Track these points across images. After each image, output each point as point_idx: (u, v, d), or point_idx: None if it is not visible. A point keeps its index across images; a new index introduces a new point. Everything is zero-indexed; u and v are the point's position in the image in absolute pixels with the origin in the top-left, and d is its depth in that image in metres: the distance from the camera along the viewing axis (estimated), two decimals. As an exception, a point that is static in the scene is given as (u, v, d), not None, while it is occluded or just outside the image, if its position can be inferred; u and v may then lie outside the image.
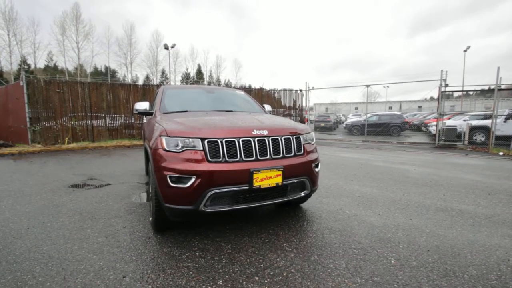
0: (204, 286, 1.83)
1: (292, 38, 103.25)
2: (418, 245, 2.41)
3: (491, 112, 14.71)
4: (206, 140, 2.29)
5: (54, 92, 10.02)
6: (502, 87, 10.49)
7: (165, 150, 2.31)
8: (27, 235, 2.65)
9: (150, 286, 1.83)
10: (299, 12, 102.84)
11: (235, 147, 2.32)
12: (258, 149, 2.39)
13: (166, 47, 26.01)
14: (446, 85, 11.23)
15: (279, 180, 2.39)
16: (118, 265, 2.10)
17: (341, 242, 2.46)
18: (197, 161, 2.24)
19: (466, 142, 11.10)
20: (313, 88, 14.40)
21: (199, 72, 51.04)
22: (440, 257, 2.20)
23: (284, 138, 2.55)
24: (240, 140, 2.35)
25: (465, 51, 29.46)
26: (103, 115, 11.30)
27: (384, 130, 16.76)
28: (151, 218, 2.80)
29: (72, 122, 10.41)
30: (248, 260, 2.17)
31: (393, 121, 17.44)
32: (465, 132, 11.34)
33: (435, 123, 14.74)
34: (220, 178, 2.23)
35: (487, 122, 12.16)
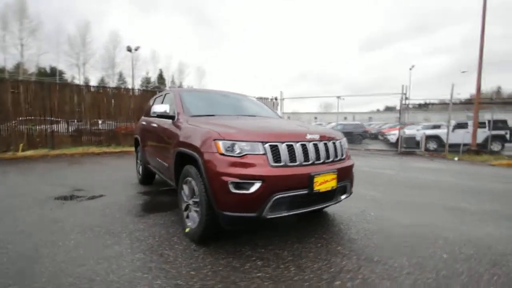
0: (290, 296, 1.75)
1: (256, 50, 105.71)
2: (451, 240, 2.63)
3: (440, 123, 16.78)
4: (268, 144, 2.22)
5: (5, 92, 8.70)
6: (444, 100, 12.13)
7: (222, 154, 2.17)
8: (40, 257, 2.23)
9: (233, 301, 1.69)
10: (264, 24, 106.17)
11: (294, 151, 2.30)
12: (314, 153, 2.40)
13: (129, 49, 24.47)
14: (406, 98, 12.57)
15: (334, 184, 2.42)
16: (180, 282, 1.89)
17: (390, 242, 2.57)
18: (260, 165, 2.15)
19: (423, 149, 12.48)
20: (284, 98, 14.85)
21: (161, 77, 49.04)
22: (478, 249, 2.43)
23: (332, 143, 2.60)
24: (298, 144, 2.33)
25: (410, 69, 33.46)
26: (65, 119, 10.15)
27: (349, 138, 17.90)
28: (187, 229, 2.58)
29: (29, 127, 9.11)
30: (315, 266, 2.13)
31: (356, 130, 18.83)
32: (421, 141, 12.76)
33: (393, 132, 16.33)
34: (284, 182, 2.17)
35: (438, 131, 13.87)
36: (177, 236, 2.68)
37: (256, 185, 2.09)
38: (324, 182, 2.33)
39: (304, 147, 2.35)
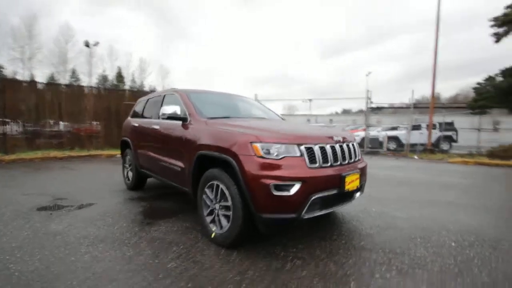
0: (342, 291, 1.83)
1: (221, 50, 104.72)
2: (454, 230, 2.95)
3: (397, 125, 18.36)
4: (303, 146, 2.28)
5: None
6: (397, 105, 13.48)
7: (261, 157, 2.18)
8: (58, 277, 1.99)
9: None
10: (229, 25, 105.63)
11: (326, 153, 2.39)
12: (341, 154, 2.52)
13: (87, 45, 22.43)
14: (371, 102, 13.61)
15: (358, 183, 2.57)
16: (232, 287, 1.86)
17: (402, 235, 2.80)
18: (298, 167, 2.20)
19: (385, 149, 13.61)
20: (258, 100, 15.03)
21: (120, 76, 45.90)
22: (477, 236, 2.78)
23: (352, 144, 2.76)
24: (328, 146, 2.43)
25: (367, 75, 36.12)
26: (17, 120, 9.02)
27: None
28: (213, 234, 2.52)
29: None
30: (350, 261, 2.24)
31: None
32: (384, 141, 13.92)
33: (356, 133, 17.54)
34: (320, 183, 2.25)
35: (397, 133, 15.24)
36: (201, 242, 2.60)
37: (296, 187, 2.13)
38: (351, 182, 2.47)
39: (333, 149, 2.46)
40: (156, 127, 3.65)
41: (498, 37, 10.53)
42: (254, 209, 2.18)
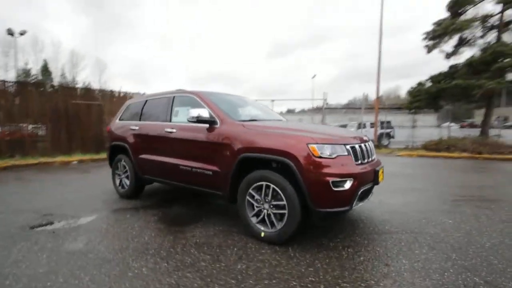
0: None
1: (164, 45, 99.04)
2: (445, 210, 3.61)
3: (345, 123, 20.24)
4: (349, 146, 2.56)
5: None
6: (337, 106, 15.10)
7: (319, 157, 2.38)
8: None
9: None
10: (171, 20, 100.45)
11: (362, 151, 2.72)
12: (366, 152, 2.87)
13: (11, 33, 18.78)
14: (327, 103, 14.87)
15: (383, 177, 2.97)
16: (312, 278, 2.02)
17: (410, 218, 3.31)
18: (349, 164, 2.47)
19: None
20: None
21: (46, 69, 39.85)
22: (462, 216, 3.46)
23: (370, 143, 3.15)
24: (362, 145, 2.76)
25: (312, 77, 38.82)
26: None
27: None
28: (263, 234, 2.62)
29: None
30: (389, 243, 2.61)
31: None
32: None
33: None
34: (364, 178, 2.56)
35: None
36: (250, 242, 2.66)
37: (350, 182, 2.40)
38: (380, 175, 2.85)
39: (365, 147, 2.80)
40: (171, 130, 3.50)
41: (429, 49, 12.69)
42: (314, 205, 2.38)
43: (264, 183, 2.60)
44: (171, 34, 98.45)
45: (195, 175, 3.21)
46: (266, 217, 2.63)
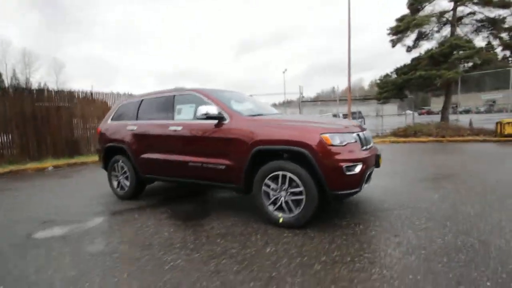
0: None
1: (126, 43, 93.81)
2: (429, 187, 4.06)
3: (321, 115, 20.96)
4: (355, 134, 2.82)
5: None
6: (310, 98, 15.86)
7: (332, 145, 2.60)
8: (194, 284, 1.96)
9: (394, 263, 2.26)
10: (133, 16, 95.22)
11: (364, 138, 3.00)
12: (367, 139, 3.16)
13: None
14: (303, 97, 15.37)
15: (381, 161, 3.29)
16: (352, 251, 2.25)
17: (406, 197, 3.69)
18: (358, 151, 2.73)
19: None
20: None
21: (-7, 71, 35.98)
22: (444, 191, 3.93)
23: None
24: (363, 133, 3.04)
25: (283, 72, 39.56)
26: None
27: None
28: (281, 220, 2.80)
29: None
30: (391, 218, 2.93)
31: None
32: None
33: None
34: (370, 162, 2.84)
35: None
36: (270, 228, 2.82)
37: (359, 166, 2.66)
38: (380, 160, 3.17)
39: (363, 135, 3.08)
40: (176, 128, 3.52)
41: (393, 43, 13.65)
42: (329, 189, 2.60)
43: (280, 172, 2.78)
44: (136, 33, 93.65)
45: (205, 170, 3.28)
46: (284, 204, 2.81)
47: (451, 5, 12.83)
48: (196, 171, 3.37)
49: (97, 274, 2.12)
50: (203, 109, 3.11)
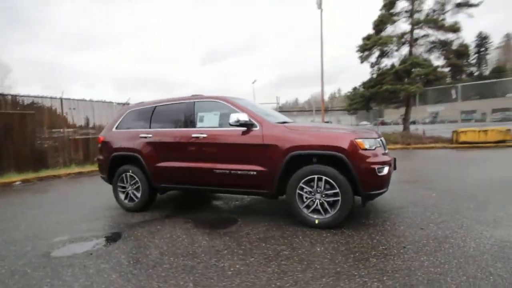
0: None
1: (83, 47, 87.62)
2: (425, 187, 4.54)
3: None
4: (379, 139, 3.12)
5: None
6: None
7: (364, 149, 2.85)
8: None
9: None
10: (90, 18, 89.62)
11: (383, 143, 3.32)
12: (384, 144, 3.49)
13: None
14: (280, 106, 15.90)
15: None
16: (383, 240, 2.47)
17: (413, 194, 4.10)
18: (383, 154, 3.02)
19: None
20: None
21: None
22: (439, 191, 4.44)
23: (379, 136, 3.81)
24: (381, 139, 3.36)
25: (253, 82, 40.24)
26: None
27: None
28: (317, 221, 2.94)
29: None
30: (410, 213, 3.27)
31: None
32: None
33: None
34: (391, 165, 3.16)
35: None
36: (307, 230, 2.94)
37: (387, 168, 2.95)
38: (395, 163, 3.52)
39: (383, 140, 3.42)
40: (200, 135, 3.50)
41: (362, 59, 14.96)
42: (364, 189, 2.84)
43: (316, 176, 2.94)
44: (94, 37, 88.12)
45: (234, 177, 3.31)
46: (319, 206, 2.97)
47: (409, 27, 14.54)
48: (222, 178, 3.38)
49: (157, 283, 2.04)
50: (234, 117, 3.18)
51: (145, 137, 3.89)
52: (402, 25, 14.62)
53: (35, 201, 5.21)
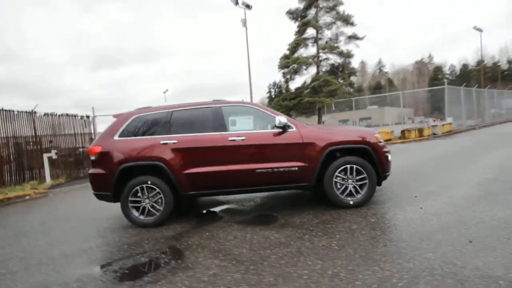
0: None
1: None
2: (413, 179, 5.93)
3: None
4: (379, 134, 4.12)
5: None
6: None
7: (380, 142, 3.76)
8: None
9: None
10: None
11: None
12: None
13: None
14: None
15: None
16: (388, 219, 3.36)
17: (404, 186, 5.31)
18: (386, 145, 4.03)
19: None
20: (97, 115, 12.51)
21: None
22: (430, 178, 5.90)
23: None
24: (375, 134, 4.41)
25: (164, 92, 38.33)
26: None
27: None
28: (351, 202, 3.62)
29: None
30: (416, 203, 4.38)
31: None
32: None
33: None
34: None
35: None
36: (346, 212, 3.56)
37: (390, 155, 3.95)
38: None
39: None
40: (237, 138, 3.62)
41: (284, 75, 17.14)
42: (383, 172, 3.72)
43: (348, 165, 3.64)
44: None
45: (276, 175, 3.62)
46: (352, 189, 3.66)
47: (315, 51, 17.71)
48: (264, 177, 3.63)
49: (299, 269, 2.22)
50: (278, 120, 3.54)
51: (169, 144, 3.65)
52: (311, 49, 17.71)
53: (18, 225, 3.77)
